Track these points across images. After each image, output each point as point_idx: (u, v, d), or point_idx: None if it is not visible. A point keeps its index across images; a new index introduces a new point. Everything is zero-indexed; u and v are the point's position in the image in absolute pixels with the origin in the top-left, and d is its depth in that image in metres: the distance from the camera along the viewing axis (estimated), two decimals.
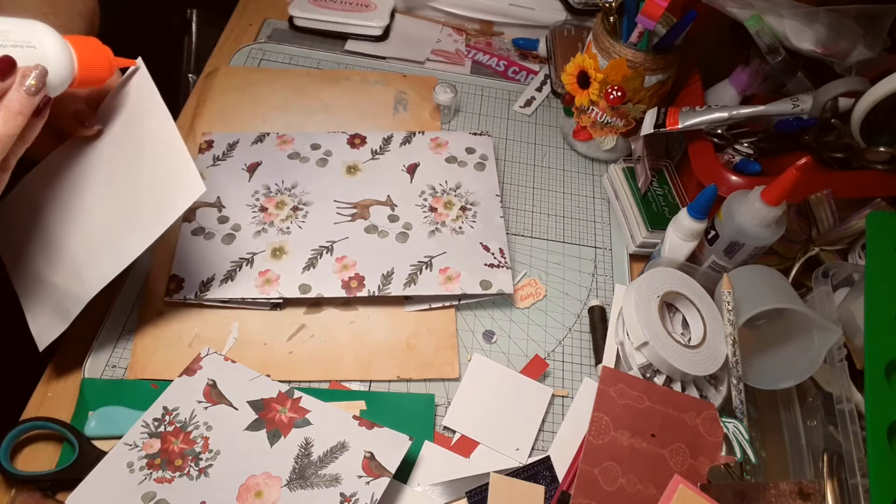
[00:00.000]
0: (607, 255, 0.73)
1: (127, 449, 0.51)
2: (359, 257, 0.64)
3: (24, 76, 0.41)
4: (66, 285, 0.52)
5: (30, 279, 0.54)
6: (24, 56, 0.40)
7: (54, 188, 0.54)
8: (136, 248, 0.50)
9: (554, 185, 0.79)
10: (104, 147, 0.53)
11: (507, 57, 0.92)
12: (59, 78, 0.43)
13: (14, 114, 0.41)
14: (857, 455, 0.52)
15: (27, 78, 0.41)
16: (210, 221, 0.66)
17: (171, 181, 0.49)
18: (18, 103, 0.41)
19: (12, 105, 0.41)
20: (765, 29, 0.65)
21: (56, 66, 0.42)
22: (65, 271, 0.53)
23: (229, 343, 0.60)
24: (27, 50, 0.40)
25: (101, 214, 0.52)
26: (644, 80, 0.70)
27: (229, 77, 0.81)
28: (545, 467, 0.56)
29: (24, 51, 0.40)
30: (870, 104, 0.61)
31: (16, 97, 0.41)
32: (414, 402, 0.59)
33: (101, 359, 0.58)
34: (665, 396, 0.55)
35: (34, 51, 0.41)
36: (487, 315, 0.66)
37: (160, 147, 0.50)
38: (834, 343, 0.56)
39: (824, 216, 0.65)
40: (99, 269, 0.51)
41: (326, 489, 0.50)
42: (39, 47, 0.41)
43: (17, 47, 0.40)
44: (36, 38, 0.41)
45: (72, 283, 0.52)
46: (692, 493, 0.49)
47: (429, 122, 0.80)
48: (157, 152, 0.50)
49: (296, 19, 0.88)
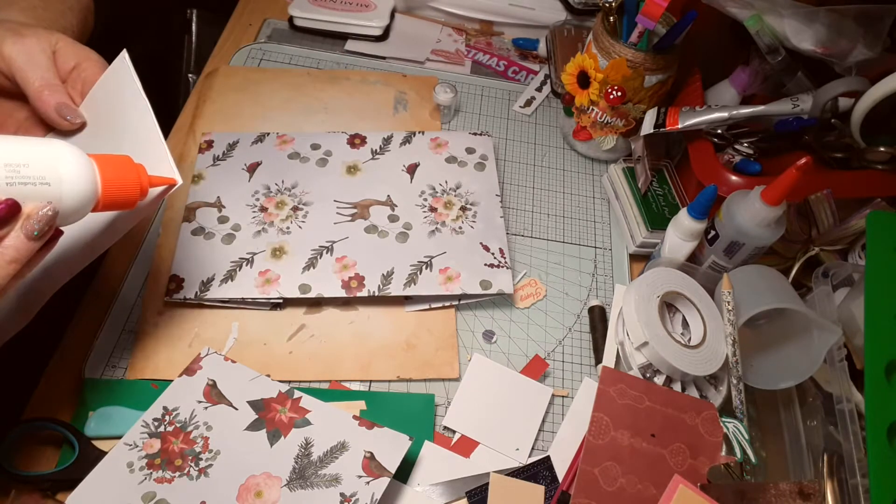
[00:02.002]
0: (607, 255, 0.73)
1: (127, 449, 0.51)
2: (359, 257, 0.64)
3: (28, 218, 0.36)
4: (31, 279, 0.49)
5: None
6: (35, 194, 0.36)
7: None
8: (105, 243, 0.49)
9: (554, 185, 0.79)
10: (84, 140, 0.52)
11: (507, 57, 0.92)
12: (74, 208, 0.39)
13: (7, 262, 0.37)
14: (857, 455, 0.52)
15: (31, 221, 0.36)
16: (210, 221, 0.66)
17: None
18: (15, 251, 0.36)
19: (7, 253, 0.36)
20: (765, 29, 0.65)
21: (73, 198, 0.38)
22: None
23: (229, 343, 0.60)
24: (40, 187, 0.36)
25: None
26: (644, 80, 0.70)
27: (229, 77, 0.81)
28: (545, 467, 0.56)
29: (37, 188, 0.36)
30: (870, 104, 0.61)
31: (12, 245, 0.36)
32: (414, 402, 0.59)
33: (101, 359, 0.58)
34: (665, 396, 0.55)
35: (48, 188, 0.36)
36: (487, 315, 0.66)
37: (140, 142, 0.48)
38: (834, 343, 0.56)
39: (824, 216, 0.65)
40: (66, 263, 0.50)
41: (326, 489, 0.50)
42: (55, 184, 0.37)
43: (27, 185, 0.36)
44: (52, 173, 0.37)
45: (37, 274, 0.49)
46: (692, 493, 0.49)
47: (429, 122, 0.80)
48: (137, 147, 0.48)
49: (296, 19, 0.88)
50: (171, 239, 0.65)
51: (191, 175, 0.69)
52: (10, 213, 0.35)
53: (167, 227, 0.66)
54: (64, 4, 0.57)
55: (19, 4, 0.52)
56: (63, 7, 0.56)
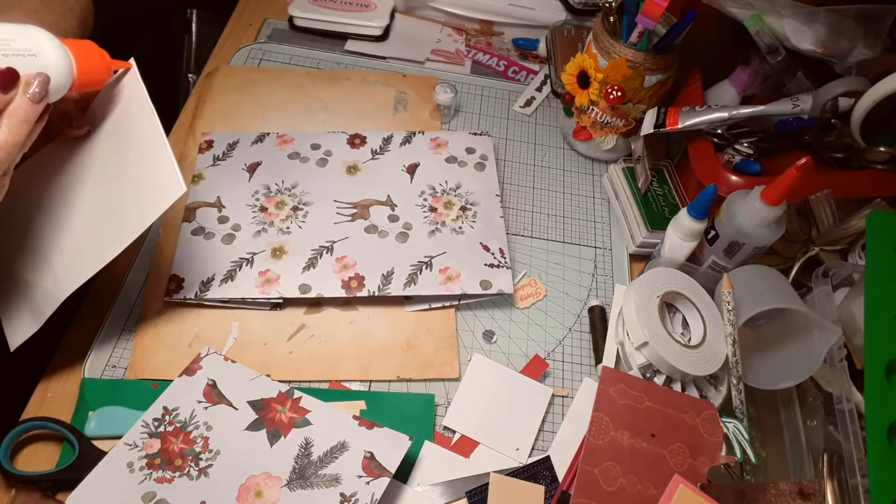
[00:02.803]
0: (607, 255, 0.73)
1: (127, 449, 0.51)
2: (359, 257, 0.64)
3: (27, 84, 0.41)
4: (42, 284, 0.52)
5: (5, 277, 0.54)
6: (26, 64, 0.41)
7: (38, 187, 0.54)
8: (113, 249, 0.50)
9: (554, 185, 0.79)
10: (91, 148, 0.53)
11: (507, 57, 0.92)
12: (58, 84, 0.44)
13: (20, 122, 0.42)
14: (857, 455, 0.52)
15: (30, 86, 0.41)
16: (210, 221, 0.66)
17: (153, 182, 0.49)
18: (24, 112, 0.41)
19: (18, 113, 0.41)
20: (765, 29, 0.65)
21: (56, 72, 0.43)
22: (42, 269, 0.53)
23: (229, 343, 0.60)
24: (29, 58, 0.41)
25: (84, 214, 0.52)
26: (644, 80, 0.70)
27: (229, 77, 0.81)
28: (545, 467, 0.56)
29: (26, 59, 0.41)
30: (870, 104, 0.61)
31: (20, 106, 0.41)
32: (414, 402, 0.59)
33: (101, 359, 0.58)
34: (665, 396, 0.55)
35: (35, 59, 0.41)
36: (487, 315, 0.66)
37: (146, 148, 0.49)
38: (834, 343, 0.56)
39: (824, 216, 0.65)
40: (76, 268, 0.51)
41: (326, 489, 0.50)
42: (40, 56, 0.42)
43: (19, 56, 0.41)
44: (37, 47, 0.42)
45: (48, 281, 0.52)
46: (692, 493, 0.49)
47: (429, 122, 0.80)
48: (143, 153, 0.50)
49: (296, 19, 0.88)
50: (171, 239, 0.65)
51: (191, 175, 0.70)
52: (11, 78, 0.40)
53: (167, 227, 0.66)
54: (64, 6, 0.57)
55: (22, 6, 0.53)
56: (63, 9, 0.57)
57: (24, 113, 0.42)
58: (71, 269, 0.51)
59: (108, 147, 0.52)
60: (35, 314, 0.52)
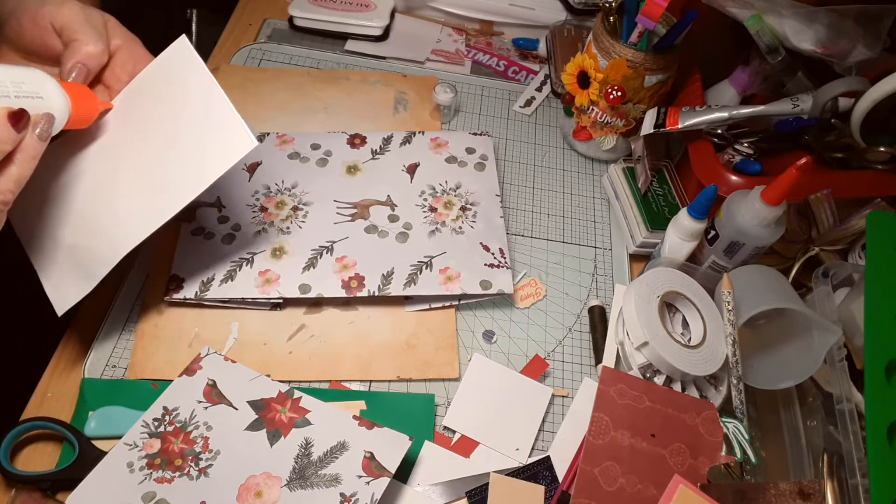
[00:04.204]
0: (607, 255, 0.73)
1: (127, 449, 0.51)
2: (359, 257, 0.64)
3: (35, 124, 0.46)
4: (94, 247, 0.53)
5: (47, 243, 0.55)
6: (34, 106, 0.46)
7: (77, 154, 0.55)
8: (175, 205, 0.52)
9: (554, 185, 0.79)
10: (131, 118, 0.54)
11: (507, 57, 0.92)
12: (58, 123, 0.49)
13: (30, 158, 0.46)
14: (857, 455, 0.52)
15: (38, 126, 0.46)
16: (210, 221, 0.66)
17: (218, 141, 0.52)
18: (33, 148, 0.46)
19: (28, 150, 0.45)
20: (765, 29, 0.65)
21: (58, 113, 0.48)
22: (90, 235, 0.54)
23: (229, 343, 0.60)
24: (36, 100, 0.46)
25: (131, 175, 0.53)
26: (644, 80, 0.70)
27: (229, 77, 0.81)
28: (545, 467, 0.56)
29: (34, 101, 0.46)
30: (870, 104, 0.61)
31: (31, 143, 0.45)
32: (414, 402, 0.59)
33: (101, 359, 0.58)
34: (665, 396, 0.55)
35: (42, 101, 0.46)
36: (487, 315, 0.66)
37: (209, 112, 0.53)
38: (834, 343, 0.56)
39: (824, 216, 0.65)
40: (131, 228, 0.52)
41: (326, 489, 0.50)
42: (46, 98, 0.47)
43: (28, 98, 0.46)
44: (43, 90, 0.47)
45: (101, 245, 0.53)
46: (692, 493, 0.49)
47: (429, 122, 0.80)
48: (205, 116, 0.53)
49: (296, 19, 0.88)
50: (171, 239, 0.65)
51: None
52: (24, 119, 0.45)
53: (167, 227, 0.66)
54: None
55: None
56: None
57: (34, 150, 0.46)
58: (124, 229, 0.53)
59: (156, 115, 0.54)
60: (88, 276, 0.53)
